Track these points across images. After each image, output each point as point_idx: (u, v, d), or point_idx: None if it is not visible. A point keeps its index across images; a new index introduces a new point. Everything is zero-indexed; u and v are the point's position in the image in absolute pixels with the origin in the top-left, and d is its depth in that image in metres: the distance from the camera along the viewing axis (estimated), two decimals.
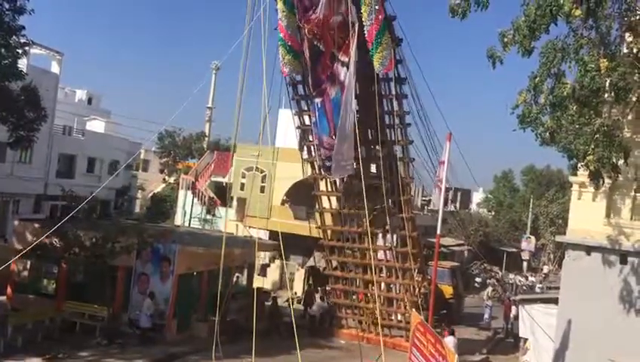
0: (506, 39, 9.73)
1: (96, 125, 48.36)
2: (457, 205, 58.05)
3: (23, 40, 18.34)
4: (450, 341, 16.42)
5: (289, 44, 18.52)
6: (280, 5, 18.17)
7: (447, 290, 27.06)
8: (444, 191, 16.25)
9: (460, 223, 39.23)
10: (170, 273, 19.66)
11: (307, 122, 21.53)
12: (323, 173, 21.57)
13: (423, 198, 52.06)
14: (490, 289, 29.67)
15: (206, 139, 57.90)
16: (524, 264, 45.07)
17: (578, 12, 8.24)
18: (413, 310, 15.44)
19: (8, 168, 33.24)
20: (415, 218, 22.35)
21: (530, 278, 36.78)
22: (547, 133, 9.42)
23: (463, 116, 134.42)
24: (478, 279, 35.83)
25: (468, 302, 31.59)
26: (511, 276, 38.80)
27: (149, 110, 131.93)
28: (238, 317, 20.95)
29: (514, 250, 48.23)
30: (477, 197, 71.50)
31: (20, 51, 18.38)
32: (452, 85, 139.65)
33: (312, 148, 21.54)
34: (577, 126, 9.42)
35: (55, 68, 37.66)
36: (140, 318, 18.66)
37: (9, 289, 21.08)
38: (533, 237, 45.31)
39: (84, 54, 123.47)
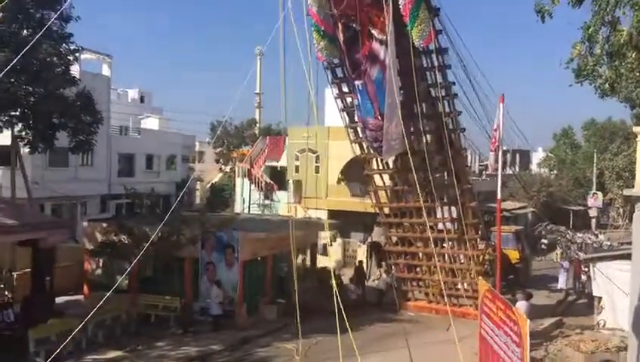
0: None
1: (151, 122, 49.64)
2: (517, 167, 56.68)
3: (72, 47, 18.86)
4: (521, 306, 16.14)
5: (322, 28, 18.11)
6: None
7: (513, 255, 26.50)
8: (501, 155, 15.81)
9: (521, 185, 38.25)
10: (235, 260, 20.07)
11: (349, 104, 21.32)
12: (372, 152, 21.37)
13: (481, 164, 51.00)
14: (559, 250, 28.90)
15: (257, 125, 58.44)
16: (593, 221, 43.68)
17: None
18: (480, 278, 15.24)
19: (72, 172, 34.58)
20: (472, 187, 21.93)
21: (599, 236, 35.61)
22: (606, 85, 9.00)
23: (513, 77, 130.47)
24: (544, 241, 34.95)
25: (536, 265, 30.93)
26: (579, 235, 37.68)
27: (197, 101, 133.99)
28: (305, 298, 21.18)
29: (580, 208, 46.79)
30: (537, 157, 69.52)
31: (70, 58, 18.94)
32: (499, 46, 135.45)
33: (358, 129, 21.32)
34: (638, 73, 8.95)
35: (106, 70, 38.74)
36: (210, 306, 19.19)
37: (85, 288, 22.05)
38: (599, 193, 43.80)
39: (129, 53, 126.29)
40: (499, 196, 16.78)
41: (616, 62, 8.87)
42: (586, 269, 22.11)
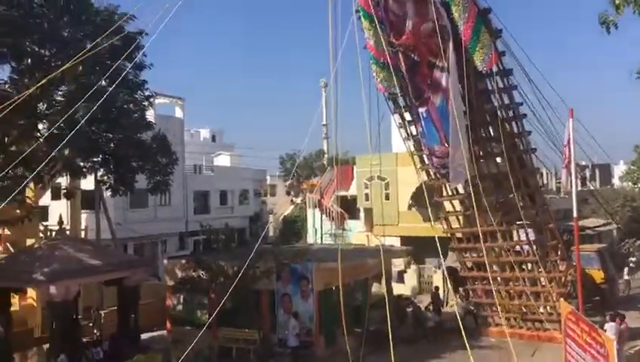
0: (617, 1, 9.11)
1: (223, 159, 51.21)
2: (597, 182, 54.35)
3: (146, 93, 19.87)
4: (609, 327, 15.38)
5: (381, 60, 18.22)
6: (365, 24, 17.94)
7: (597, 275, 25.27)
8: (574, 171, 15.27)
9: (599, 202, 36.68)
10: (310, 291, 20.18)
11: (414, 132, 21.24)
12: (440, 178, 21.11)
13: (558, 181, 49.29)
14: None
15: (325, 156, 59.04)
16: None
17: None
18: (562, 300, 14.67)
19: (152, 212, 36.10)
20: (548, 207, 21.26)
21: None
22: None
23: (586, 90, 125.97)
24: (632, 259, 33.12)
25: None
26: None
27: (267, 135, 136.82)
28: (381, 327, 20.98)
29: None
30: (618, 170, 66.38)
31: (145, 104, 19.96)
32: (568, 60, 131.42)
33: (424, 156, 21.15)
34: None
35: (179, 113, 40.44)
36: (288, 338, 19.32)
37: (168, 323, 22.75)
38: None
39: (200, 94, 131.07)
40: (575, 214, 16.14)
41: None
42: None
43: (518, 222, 20.90)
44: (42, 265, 16.89)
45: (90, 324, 21.91)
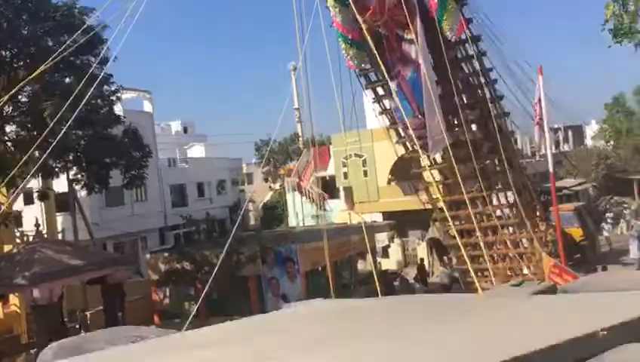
0: None
1: (197, 150, 50.69)
2: (570, 143, 55.17)
3: (113, 87, 19.47)
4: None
5: (349, 37, 18.10)
6: (330, 2, 17.82)
7: (577, 233, 25.66)
8: (547, 129, 15.34)
9: (571, 163, 37.31)
10: (297, 272, 20.18)
11: (388, 106, 21.22)
12: (417, 150, 21.14)
13: (532, 145, 49.92)
14: (622, 222, 27.91)
15: (300, 139, 58.84)
16: None
17: None
18: (544, 254, 14.84)
19: (129, 209, 35.62)
20: (525, 169, 21.49)
21: None
22: None
23: (553, 52, 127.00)
24: (609, 215, 33.76)
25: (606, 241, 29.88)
26: None
27: (240, 122, 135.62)
28: None
29: None
30: (591, 130, 67.30)
31: (113, 98, 19.57)
32: (533, 21, 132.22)
33: (400, 130, 21.18)
34: None
35: (147, 106, 39.84)
36: None
37: (156, 318, 22.58)
38: None
39: (169, 87, 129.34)
40: (551, 170, 16.24)
41: None
42: None
43: (497, 187, 21.06)
44: (23, 269, 16.58)
45: (77, 326, 21.63)
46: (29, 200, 27.39)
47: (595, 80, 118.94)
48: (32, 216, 27.25)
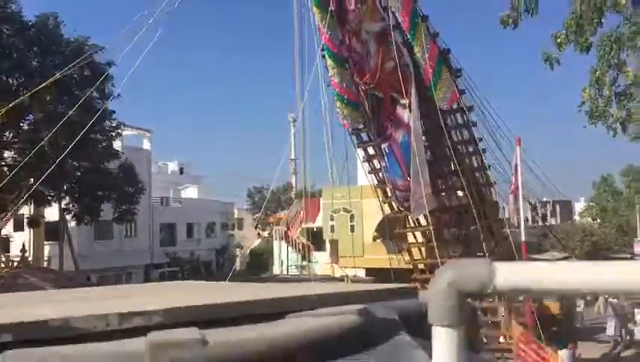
0: (559, 40, 9.81)
1: (191, 192, 51.12)
2: (558, 218, 55.81)
3: (114, 123, 20.07)
4: (563, 354, 15.92)
5: (345, 97, 18.84)
6: (330, 62, 18.65)
7: (554, 306, 25.85)
8: (521, 198, 15.91)
9: (556, 237, 37.77)
10: None
11: (377, 166, 21.79)
12: (403, 210, 21.62)
13: (518, 216, 50.35)
14: (601, 300, 28.13)
15: (293, 189, 59.43)
16: None
17: (623, 1, 8.27)
18: (514, 322, 15.14)
19: (117, 244, 35.72)
20: (508, 238, 21.95)
21: None
22: (617, 123, 9.33)
23: (550, 125, 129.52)
24: None
25: (584, 317, 30.03)
26: None
27: (236, 167, 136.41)
28: None
29: (627, 255, 45.46)
30: (579, 206, 68.13)
31: (113, 134, 20.14)
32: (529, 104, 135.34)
33: (388, 190, 21.70)
34: None
35: (146, 145, 40.49)
36: None
37: None
38: None
39: (168, 127, 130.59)
40: (523, 238, 16.60)
41: (624, 101, 9.22)
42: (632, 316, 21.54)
43: (478, 254, 21.43)
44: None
45: None
46: (18, 227, 27.63)
47: (588, 158, 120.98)
48: (20, 242, 27.51)
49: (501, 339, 21.77)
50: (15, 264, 20.25)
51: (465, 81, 19.22)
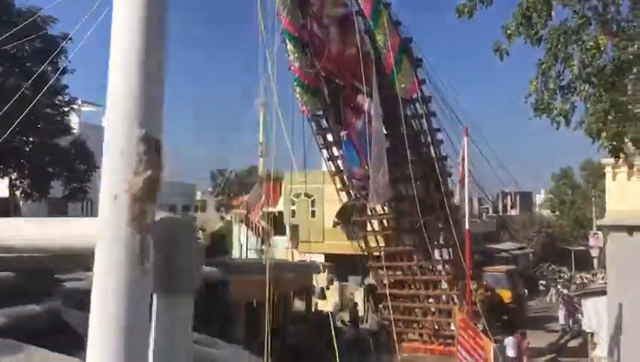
0: (509, 31, 9.79)
1: None
2: (517, 209, 56.84)
3: (67, 98, 19.51)
4: (508, 341, 16.25)
5: (305, 82, 18.70)
6: (290, 47, 18.40)
7: (506, 295, 26.35)
8: (467, 187, 16.04)
9: (509, 228, 38.50)
10: None
11: (335, 153, 21.79)
12: (360, 199, 21.68)
13: (481, 206, 51.32)
14: (553, 290, 28.83)
15: (258, 172, 58.94)
16: (595, 261, 43.44)
17: None
18: (456, 308, 15.40)
19: None
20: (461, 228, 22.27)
21: (598, 275, 35.43)
22: (560, 117, 9.37)
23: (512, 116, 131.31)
24: (542, 281, 34.78)
25: (536, 306, 30.74)
26: (580, 275, 37.54)
27: (199, 149, 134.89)
28: (300, 342, 21.17)
29: (582, 248, 46.60)
30: (540, 198, 69.50)
31: (66, 109, 19.58)
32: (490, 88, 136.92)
33: (345, 178, 21.73)
34: (588, 105, 9.34)
35: (104, 122, 39.62)
36: None
37: None
38: (600, 233, 43.69)
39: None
40: (467, 227, 16.75)
41: (568, 95, 9.25)
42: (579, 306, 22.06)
43: (435, 243, 21.69)
44: None
45: None
46: None
47: (551, 151, 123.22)
48: None
49: (452, 326, 22.17)
50: None
51: (425, 72, 19.31)
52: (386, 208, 22.01)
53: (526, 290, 29.66)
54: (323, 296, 29.98)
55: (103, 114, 39.53)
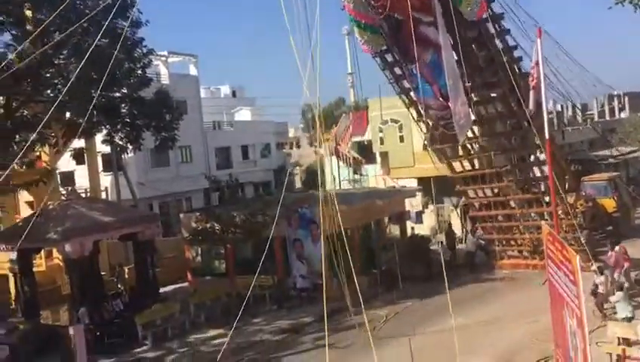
0: None
1: (244, 114, 51.44)
2: (627, 111, 52.82)
3: (145, 50, 19.99)
4: (609, 255, 15.44)
5: (363, 22, 18.04)
6: None
7: (609, 204, 24.69)
8: (544, 92, 14.82)
9: (598, 132, 35.82)
10: (320, 234, 20.46)
11: (407, 86, 21.09)
12: (440, 128, 20.95)
13: (586, 113, 48.42)
14: None
15: (344, 104, 58.61)
16: None
17: None
18: (543, 223, 14.72)
19: (174, 170, 36.78)
20: (554, 137, 21.08)
21: None
22: None
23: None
24: None
25: None
26: None
27: (288, 86, 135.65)
28: (393, 266, 21.28)
29: None
30: None
31: (145, 62, 20.13)
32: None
33: (421, 110, 21.06)
34: None
35: (193, 70, 40.60)
36: (296, 281, 19.84)
37: (189, 275, 23.52)
38: None
39: (220, 51, 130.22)
40: (547, 136, 15.53)
41: None
42: None
43: (525, 160, 20.93)
44: (56, 225, 17.59)
45: (114, 279, 22.84)
46: (81, 160, 28.50)
47: None
48: (83, 175, 28.72)
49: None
50: (64, 196, 21.11)
51: None
52: (475, 131, 21.36)
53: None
54: (420, 220, 29.82)
55: (190, 62, 40.53)
